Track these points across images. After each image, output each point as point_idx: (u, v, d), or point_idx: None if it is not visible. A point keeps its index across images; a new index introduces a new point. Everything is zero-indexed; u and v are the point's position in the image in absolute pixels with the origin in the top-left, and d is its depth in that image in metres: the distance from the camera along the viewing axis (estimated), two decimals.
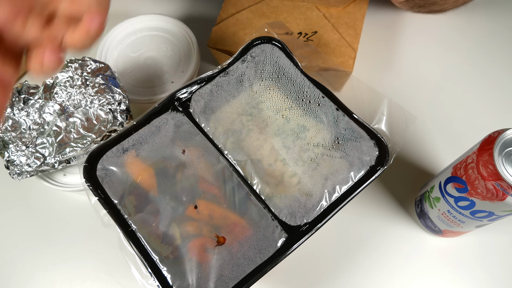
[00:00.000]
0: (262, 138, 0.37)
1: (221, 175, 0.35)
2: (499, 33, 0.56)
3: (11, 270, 0.44)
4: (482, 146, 0.32)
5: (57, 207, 0.47)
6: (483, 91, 0.52)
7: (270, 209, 0.34)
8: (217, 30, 0.49)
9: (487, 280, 0.42)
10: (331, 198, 0.34)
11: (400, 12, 0.57)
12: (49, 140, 0.41)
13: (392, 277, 0.42)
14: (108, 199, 0.34)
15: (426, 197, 0.41)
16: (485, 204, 0.33)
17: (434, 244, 0.44)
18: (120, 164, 0.35)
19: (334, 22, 0.49)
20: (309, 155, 0.36)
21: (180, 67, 0.50)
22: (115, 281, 0.43)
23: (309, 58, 0.42)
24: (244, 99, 0.38)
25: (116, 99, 0.42)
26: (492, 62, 0.54)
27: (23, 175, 0.42)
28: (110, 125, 0.42)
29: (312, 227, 0.33)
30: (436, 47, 0.55)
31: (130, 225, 0.33)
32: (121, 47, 0.51)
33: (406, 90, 0.52)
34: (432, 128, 0.49)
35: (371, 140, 0.35)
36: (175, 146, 0.36)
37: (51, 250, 0.45)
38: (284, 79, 0.38)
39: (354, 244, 0.44)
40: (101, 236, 0.44)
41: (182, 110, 0.38)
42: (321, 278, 0.42)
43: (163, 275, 0.31)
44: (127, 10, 0.58)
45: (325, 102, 0.37)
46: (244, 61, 0.39)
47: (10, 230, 0.46)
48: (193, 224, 0.33)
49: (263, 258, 0.32)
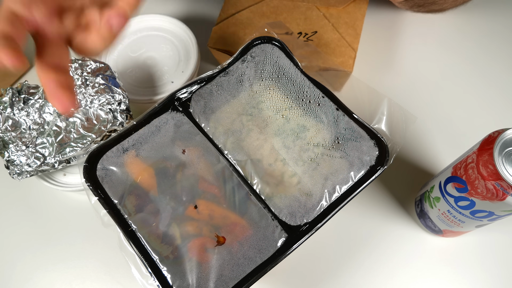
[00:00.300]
0: (262, 138, 0.37)
1: (221, 175, 0.35)
2: (499, 33, 0.56)
3: (11, 270, 0.44)
4: (482, 146, 0.32)
5: (57, 207, 0.47)
6: (483, 91, 0.52)
7: (270, 209, 0.34)
8: (217, 30, 0.49)
9: (487, 280, 0.42)
10: (331, 198, 0.34)
11: (400, 12, 0.57)
12: (49, 140, 0.41)
13: (392, 277, 0.42)
14: (108, 199, 0.34)
15: (426, 197, 0.41)
16: (485, 204, 0.33)
17: (434, 244, 0.44)
18: (120, 164, 0.35)
19: (334, 22, 0.49)
20: (309, 155, 0.36)
21: (180, 67, 0.50)
22: (115, 281, 0.43)
23: (309, 58, 0.42)
24: (244, 99, 0.38)
25: (116, 99, 0.42)
26: (492, 62, 0.54)
27: (23, 175, 0.42)
28: (110, 125, 0.42)
29: (312, 227, 0.33)
30: (436, 47, 0.55)
31: (130, 225, 0.33)
32: (121, 47, 0.51)
33: (406, 90, 0.52)
34: (432, 128, 0.49)
35: (371, 140, 0.36)
36: (175, 146, 0.36)
37: (51, 250, 0.45)
38: (284, 79, 0.38)
39: (354, 244, 0.44)
40: (101, 236, 0.44)
41: (182, 110, 0.38)
42: (321, 278, 0.42)
43: (163, 275, 0.31)
44: None
45: (325, 102, 0.37)
46: (244, 61, 0.39)
47: (10, 230, 0.46)
48: (193, 224, 0.33)
49: (263, 258, 0.32)
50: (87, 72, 0.43)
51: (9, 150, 0.41)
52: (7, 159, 0.41)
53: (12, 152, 0.41)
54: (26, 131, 0.41)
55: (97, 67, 0.43)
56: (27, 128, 0.42)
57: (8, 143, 0.41)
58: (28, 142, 0.41)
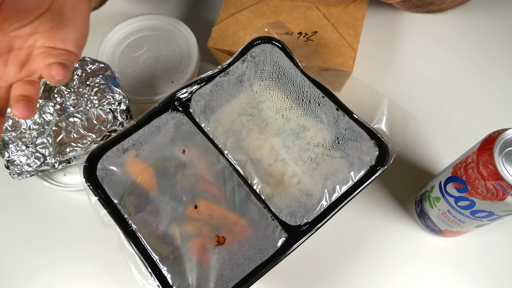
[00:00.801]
0: (262, 138, 0.37)
1: (221, 175, 0.35)
2: (499, 33, 0.56)
3: (11, 270, 0.44)
4: (482, 146, 0.32)
5: (57, 207, 0.47)
6: (483, 91, 0.52)
7: (270, 209, 0.34)
8: (217, 30, 0.49)
9: (487, 280, 0.42)
10: (331, 198, 0.34)
11: (400, 12, 0.57)
12: (49, 140, 0.41)
13: (392, 277, 0.42)
14: (108, 199, 0.34)
15: (426, 197, 0.41)
16: (485, 204, 0.33)
17: (434, 244, 0.44)
18: (120, 164, 0.35)
19: (334, 22, 0.49)
20: (309, 155, 0.36)
21: (180, 67, 0.50)
22: (115, 281, 0.43)
23: (309, 58, 0.42)
24: (244, 99, 0.38)
25: (116, 99, 0.42)
26: (492, 62, 0.54)
27: (23, 175, 0.42)
28: (110, 125, 0.42)
29: (312, 227, 0.33)
30: (436, 47, 0.55)
31: (130, 225, 0.33)
32: (121, 47, 0.51)
33: (406, 90, 0.52)
34: (432, 128, 0.49)
35: (371, 140, 0.35)
36: (175, 146, 0.36)
37: (51, 250, 0.45)
38: (284, 79, 0.38)
39: (354, 244, 0.44)
40: (101, 236, 0.44)
41: (182, 110, 0.38)
42: (321, 278, 0.42)
43: (163, 275, 0.31)
44: (127, 10, 0.58)
45: (325, 102, 0.37)
46: (244, 61, 0.39)
47: (10, 230, 0.46)
48: (193, 224, 0.33)
49: (263, 258, 0.32)
50: (87, 72, 0.43)
51: (9, 150, 0.41)
52: (7, 159, 0.41)
53: (12, 152, 0.41)
54: (26, 131, 0.41)
55: (97, 67, 0.43)
56: (27, 128, 0.42)
57: (8, 143, 0.41)
58: (28, 142, 0.41)
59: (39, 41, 0.30)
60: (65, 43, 0.30)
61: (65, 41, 0.30)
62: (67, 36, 0.30)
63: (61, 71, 0.27)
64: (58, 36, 0.30)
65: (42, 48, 0.30)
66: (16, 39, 0.29)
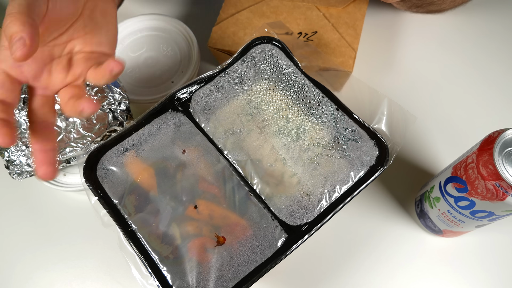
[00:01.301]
0: (262, 138, 0.37)
1: (221, 175, 0.35)
2: (499, 33, 0.56)
3: (11, 270, 0.44)
4: (482, 146, 0.32)
5: (57, 207, 0.47)
6: (483, 91, 0.52)
7: (270, 209, 0.34)
8: (217, 30, 0.49)
9: (487, 280, 0.42)
10: (331, 198, 0.34)
11: (400, 12, 0.57)
12: None
13: (392, 277, 0.42)
14: (108, 199, 0.34)
15: (426, 197, 0.41)
16: (485, 204, 0.33)
17: (434, 244, 0.44)
18: (120, 164, 0.35)
19: (334, 22, 0.49)
20: (309, 155, 0.36)
21: (180, 67, 0.50)
22: (115, 281, 0.43)
23: (309, 58, 0.42)
24: (244, 99, 0.38)
25: (116, 99, 0.42)
26: (491, 62, 0.54)
27: (23, 175, 0.42)
28: (110, 125, 0.42)
29: (312, 227, 0.33)
30: (435, 47, 0.55)
31: (130, 225, 0.33)
32: (121, 47, 0.51)
33: (406, 90, 0.52)
34: (432, 128, 0.49)
35: (371, 140, 0.36)
36: (175, 146, 0.36)
37: (51, 250, 0.45)
38: (284, 79, 0.38)
39: (354, 244, 0.44)
40: (101, 236, 0.44)
41: (182, 110, 0.38)
42: (321, 278, 0.42)
43: (163, 275, 0.31)
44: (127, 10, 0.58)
45: (325, 102, 0.37)
46: (244, 61, 0.39)
47: (10, 230, 0.46)
48: (193, 224, 0.33)
49: (263, 258, 0.32)
50: None
51: (9, 150, 0.41)
52: (7, 159, 0.41)
53: (12, 152, 0.41)
54: (26, 131, 0.41)
55: None
56: (27, 128, 0.42)
57: None
58: (28, 142, 0.41)
59: (76, 47, 0.31)
60: (100, 46, 0.32)
61: (100, 45, 0.32)
62: (101, 40, 0.32)
63: (91, 105, 0.28)
64: (93, 40, 0.31)
65: (81, 53, 0.31)
66: (55, 48, 0.30)
